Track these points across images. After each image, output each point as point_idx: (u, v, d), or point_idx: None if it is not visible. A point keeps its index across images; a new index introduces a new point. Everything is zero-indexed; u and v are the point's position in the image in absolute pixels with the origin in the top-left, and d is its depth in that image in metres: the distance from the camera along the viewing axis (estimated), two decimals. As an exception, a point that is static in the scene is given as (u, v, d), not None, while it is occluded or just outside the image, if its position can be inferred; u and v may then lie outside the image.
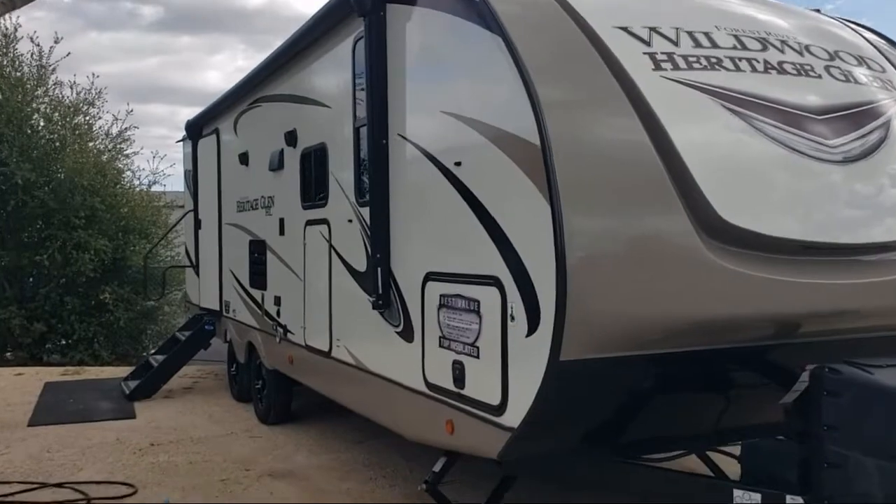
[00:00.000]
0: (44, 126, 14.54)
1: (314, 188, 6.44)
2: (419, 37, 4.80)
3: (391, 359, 5.08)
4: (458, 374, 4.21)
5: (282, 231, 7.27)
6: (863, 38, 4.97)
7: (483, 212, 4.00)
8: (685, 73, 3.95)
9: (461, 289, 4.21)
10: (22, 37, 14.52)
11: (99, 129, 15.62)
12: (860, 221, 4.10)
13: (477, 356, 4.05)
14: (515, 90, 3.67)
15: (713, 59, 4.07)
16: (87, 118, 15.26)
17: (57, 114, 14.73)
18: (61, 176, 13.89)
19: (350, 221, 5.62)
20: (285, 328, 7.09)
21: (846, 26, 5.03)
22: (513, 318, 3.75)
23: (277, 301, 7.34)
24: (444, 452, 4.63)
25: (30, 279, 14.21)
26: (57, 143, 14.22)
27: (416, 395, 4.68)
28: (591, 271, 3.47)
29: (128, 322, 13.80)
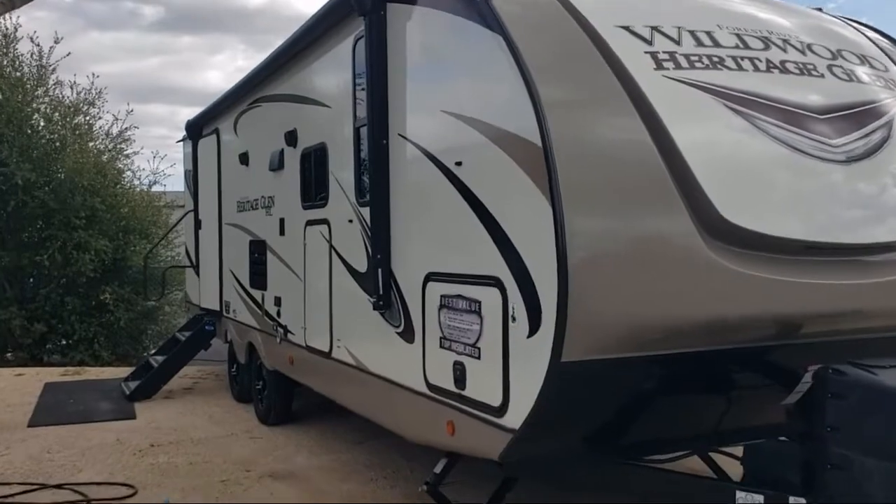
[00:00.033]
0: (44, 126, 14.52)
1: (314, 188, 6.43)
2: (420, 36, 4.78)
3: (392, 359, 5.06)
4: (459, 375, 4.19)
5: (282, 231, 7.26)
6: (865, 36, 4.95)
7: (484, 212, 3.98)
8: (687, 72, 3.93)
9: (462, 289, 4.19)
10: (22, 37, 14.54)
11: (99, 129, 15.65)
12: (863, 221, 4.08)
13: (478, 357, 4.03)
14: (516, 90, 3.65)
15: (715, 59, 4.04)
16: (87, 118, 15.27)
17: (57, 114, 14.72)
18: (61, 176, 13.88)
19: (350, 222, 5.60)
20: (286, 329, 7.07)
21: (848, 25, 5.01)
22: (514, 318, 3.73)
23: (278, 301, 7.32)
24: (445, 453, 4.61)
25: (30, 279, 14.20)
26: (57, 144, 14.21)
27: (416, 396, 4.67)
28: (593, 272, 3.45)
29: (128, 322, 13.79)
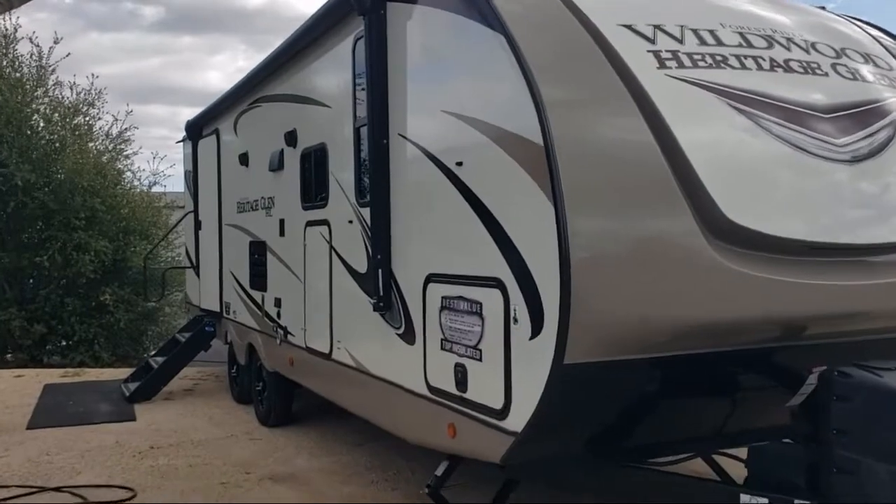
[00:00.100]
0: (43, 127, 14.47)
1: (314, 189, 6.40)
2: (420, 35, 4.75)
3: (392, 361, 5.02)
4: (461, 378, 4.15)
5: (282, 232, 7.23)
6: (869, 35, 4.92)
7: (485, 212, 3.95)
8: (690, 71, 3.89)
9: (463, 290, 4.16)
10: (22, 37, 14.50)
11: (99, 129, 15.59)
12: (868, 222, 4.04)
13: (479, 359, 4.00)
14: (518, 89, 3.62)
15: (718, 57, 4.01)
16: (86, 119, 15.22)
17: (57, 115, 14.67)
18: (61, 177, 13.83)
19: (350, 222, 5.57)
20: (286, 330, 7.04)
21: (852, 23, 4.98)
22: (516, 320, 3.70)
23: (278, 302, 7.29)
24: (447, 456, 4.58)
25: (30, 280, 14.15)
26: (57, 144, 14.16)
27: (417, 398, 4.63)
28: (596, 273, 3.42)
29: (128, 323, 13.74)
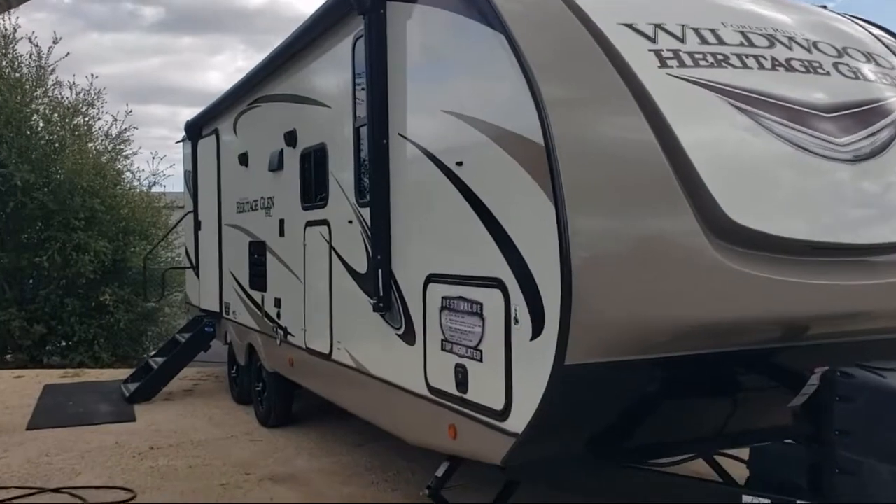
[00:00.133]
0: (43, 127, 14.43)
1: (314, 189, 6.38)
2: (420, 35, 4.73)
3: (392, 362, 5.01)
4: (461, 378, 4.13)
5: (282, 232, 7.21)
6: (870, 34, 4.90)
7: (485, 212, 3.93)
8: (691, 70, 3.87)
9: (463, 291, 4.14)
10: (21, 38, 14.47)
11: (98, 129, 15.56)
12: (870, 221, 4.02)
13: (480, 360, 3.98)
14: (518, 88, 3.60)
15: (720, 57, 3.99)
16: (86, 119, 15.19)
17: (56, 115, 14.64)
18: (61, 177, 13.80)
19: (350, 222, 5.55)
20: (285, 330, 7.02)
21: (854, 22, 4.96)
22: (516, 320, 3.68)
23: (277, 303, 7.27)
24: (447, 457, 4.56)
25: (30, 281, 14.13)
26: (56, 145, 14.12)
27: (418, 399, 4.61)
28: (597, 273, 3.40)
29: (128, 324, 13.71)
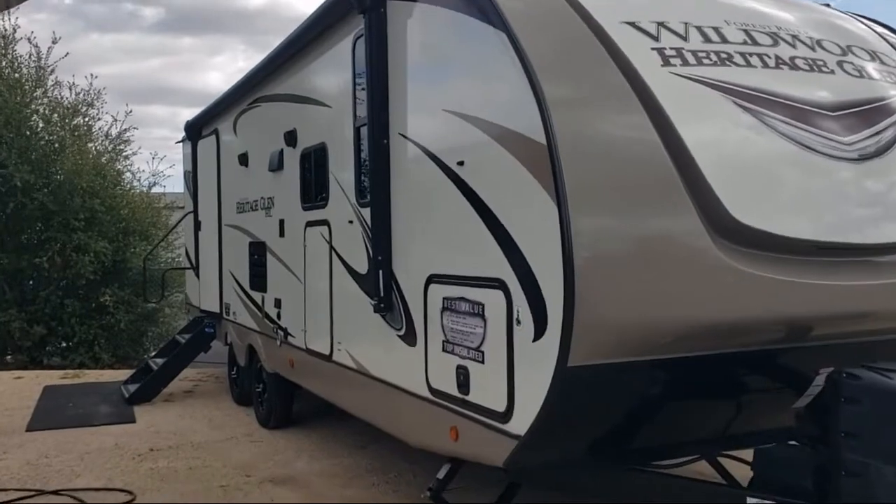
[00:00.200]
0: (42, 127, 14.40)
1: (314, 189, 6.35)
2: (420, 34, 4.70)
3: (393, 363, 4.98)
4: (463, 380, 4.10)
5: (282, 232, 7.18)
6: (874, 32, 4.86)
7: (487, 212, 3.90)
8: (695, 68, 3.84)
9: (465, 291, 4.11)
10: (21, 38, 14.44)
11: (98, 130, 15.54)
12: (875, 221, 3.99)
13: (482, 361, 3.95)
14: (520, 87, 3.57)
15: (723, 55, 3.95)
16: (86, 119, 15.16)
17: (56, 115, 14.62)
18: (60, 178, 13.77)
19: (351, 222, 5.52)
20: (286, 331, 7.00)
21: (857, 21, 4.93)
22: (519, 321, 3.65)
23: (278, 303, 7.24)
24: (449, 459, 4.52)
25: (30, 282, 14.09)
26: (56, 145, 14.09)
27: (419, 400, 4.58)
28: (600, 273, 3.37)
29: (128, 324, 13.68)
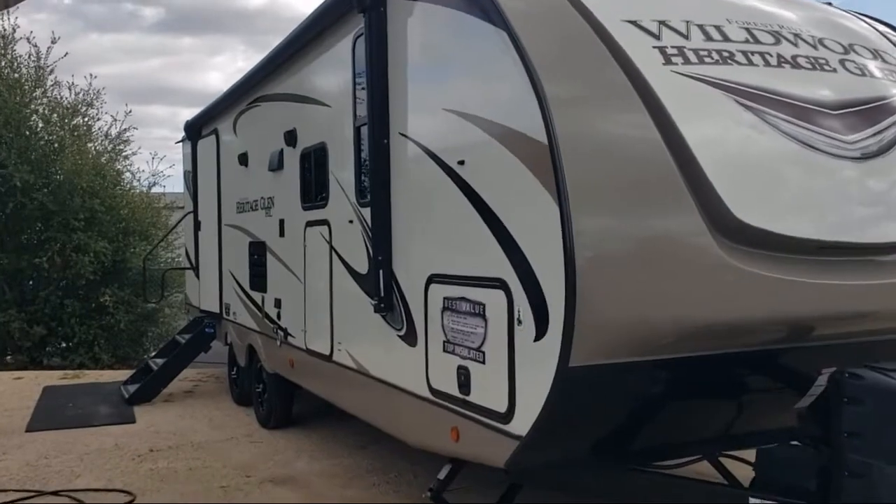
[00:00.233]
0: (42, 127, 14.40)
1: (314, 189, 6.33)
2: (421, 33, 4.68)
3: (394, 363, 4.96)
4: (464, 380, 4.09)
5: (282, 232, 7.16)
6: (876, 31, 4.85)
7: (488, 212, 3.88)
8: (696, 67, 3.82)
9: (466, 291, 4.09)
10: (20, 38, 14.43)
11: (98, 130, 15.52)
12: (878, 220, 3.97)
13: (483, 361, 3.94)
14: (521, 86, 3.55)
15: (725, 53, 3.94)
16: (85, 119, 15.15)
17: (55, 115, 14.60)
18: (60, 178, 13.76)
19: (351, 222, 5.51)
20: (286, 331, 6.98)
21: (859, 19, 4.91)
22: (520, 321, 3.63)
23: (278, 303, 7.23)
24: (450, 459, 4.51)
25: (29, 282, 14.08)
26: (55, 145, 14.08)
27: (419, 401, 4.57)
28: (601, 273, 3.35)
29: (128, 325, 13.68)
